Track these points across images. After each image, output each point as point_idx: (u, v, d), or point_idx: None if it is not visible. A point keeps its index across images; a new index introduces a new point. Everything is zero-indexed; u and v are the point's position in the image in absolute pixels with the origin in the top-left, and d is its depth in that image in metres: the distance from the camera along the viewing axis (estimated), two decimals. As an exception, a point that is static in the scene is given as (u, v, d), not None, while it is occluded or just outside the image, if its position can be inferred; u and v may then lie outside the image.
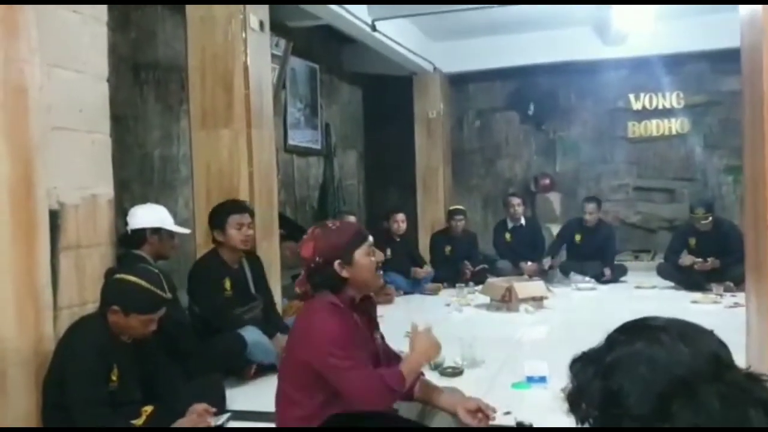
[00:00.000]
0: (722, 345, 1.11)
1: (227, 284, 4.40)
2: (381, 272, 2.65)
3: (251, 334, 4.23)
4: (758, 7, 2.99)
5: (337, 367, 2.35)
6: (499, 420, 2.93)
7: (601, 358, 1.11)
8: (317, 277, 2.47)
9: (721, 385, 1.02)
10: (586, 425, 1.13)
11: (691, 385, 1.02)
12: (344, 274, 2.46)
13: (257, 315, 4.51)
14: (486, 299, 6.57)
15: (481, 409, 2.59)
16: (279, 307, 4.96)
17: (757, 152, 3.10)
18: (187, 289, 4.43)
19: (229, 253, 4.43)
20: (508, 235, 8.53)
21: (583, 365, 1.14)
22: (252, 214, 4.53)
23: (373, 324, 2.68)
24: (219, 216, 4.41)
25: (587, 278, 7.59)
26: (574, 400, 1.13)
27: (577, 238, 8.16)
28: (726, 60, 7.33)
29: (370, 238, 2.57)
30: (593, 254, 7.99)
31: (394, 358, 2.79)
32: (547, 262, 8.09)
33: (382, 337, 2.75)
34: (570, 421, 1.17)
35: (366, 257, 2.51)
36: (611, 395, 1.07)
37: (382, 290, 7.00)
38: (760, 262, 3.15)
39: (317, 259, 2.45)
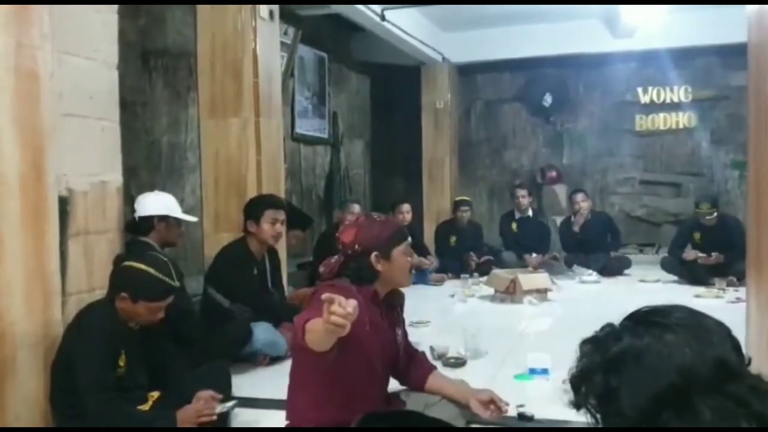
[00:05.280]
0: (735, 346, 1.09)
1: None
2: (413, 272, 2.63)
3: (264, 332, 4.27)
4: (766, 7, 2.99)
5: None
6: (511, 412, 2.95)
7: (609, 346, 1.11)
8: (351, 264, 2.44)
9: (718, 398, 1.01)
10: (582, 411, 1.15)
11: (686, 394, 1.02)
12: (379, 267, 2.44)
13: None
14: (490, 290, 6.59)
15: (493, 401, 2.61)
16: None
17: (761, 149, 3.11)
18: (213, 274, 4.46)
19: (256, 245, 4.48)
20: (514, 226, 8.52)
21: (591, 350, 1.14)
22: (286, 212, 4.57)
23: (397, 318, 2.66)
24: (256, 208, 4.45)
25: (591, 271, 7.60)
26: (577, 383, 1.14)
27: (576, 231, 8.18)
28: (736, 54, 7.30)
29: (410, 239, 2.57)
30: (596, 246, 8.01)
31: (413, 352, 2.81)
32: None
33: (405, 335, 2.75)
34: (571, 414, 1.19)
35: (403, 256, 2.50)
36: (608, 391, 1.08)
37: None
38: (761, 258, 3.17)
39: (356, 247, 2.43)
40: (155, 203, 4.01)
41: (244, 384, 3.75)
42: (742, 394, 1.02)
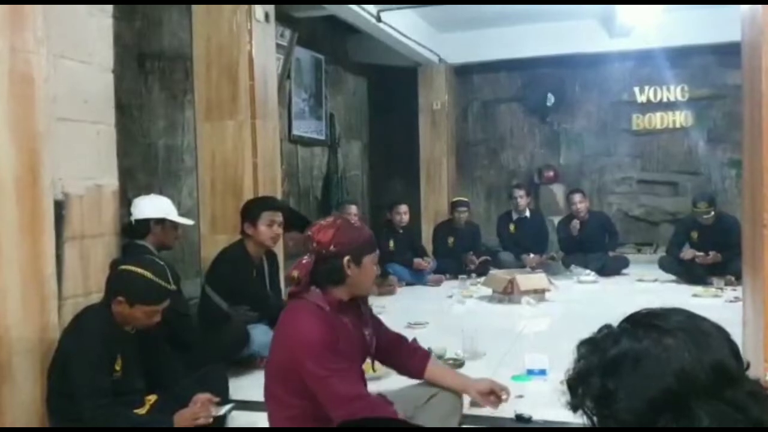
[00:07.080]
0: (734, 351, 1.09)
1: None
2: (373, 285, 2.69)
3: (261, 335, 4.25)
4: (759, 7, 2.99)
5: (316, 375, 2.35)
6: (511, 402, 2.94)
7: (607, 349, 1.10)
8: (323, 265, 2.48)
9: (716, 403, 1.01)
10: (579, 413, 1.14)
11: (683, 399, 1.01)
12: (349, 271, 2.48)
13: None
14: (488, 291, 6.58)
15: (493, 391, 2.61)
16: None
17: (755, 149, 3.11)
18: (212, 276, 4.44)
19: (254, 247, 4.45)
20: (512, 226, 8.53)
21: (589, 352, 1.13)
22: (284, 213, 4.56)
23: (362, 319, 2.67)
24: (253, 210, 4.43)
25: (589, 271, 7.60)
26: (574, 385, 1.14)
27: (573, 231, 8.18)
28: (732, 53, 7.27)
29: (378, 251, 2.64)
30: (594, 246, 8.01)
31: (395, 339, 2.82)
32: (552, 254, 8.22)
33: (377, 326, 2.77)
34: (569, 415, 1.19)
35: (372, 265, 2.57)
36: (605, 394, 1.07)
37: (385, 281, 7.03)
38: (757, 257, 3.17)
39: (331, 247, 2.46)
40: (152, 206, 4.01)
41: (241, 387, 3.74)
42: (740, 400, 1.02)
